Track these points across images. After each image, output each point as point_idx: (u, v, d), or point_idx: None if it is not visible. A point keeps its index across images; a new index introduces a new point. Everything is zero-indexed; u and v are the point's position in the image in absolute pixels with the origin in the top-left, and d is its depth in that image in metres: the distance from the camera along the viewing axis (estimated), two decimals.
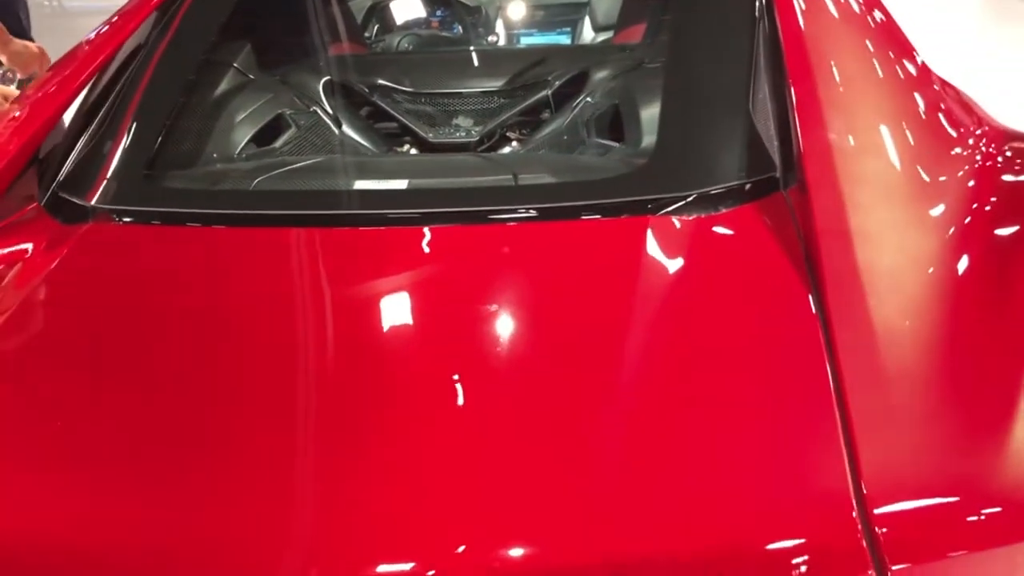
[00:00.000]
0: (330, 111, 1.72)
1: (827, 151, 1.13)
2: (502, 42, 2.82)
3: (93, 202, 1.27)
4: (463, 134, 1.70)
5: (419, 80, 1.76)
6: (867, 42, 1.42)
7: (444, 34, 2.78)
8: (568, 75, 1.72)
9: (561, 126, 1.63)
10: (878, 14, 1.47)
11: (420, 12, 2.90)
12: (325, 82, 1.75)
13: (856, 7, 1.46)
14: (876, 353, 0.91)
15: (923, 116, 1.27)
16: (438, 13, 2.88)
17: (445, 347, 0.97)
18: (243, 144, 1.56)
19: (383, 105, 1.75)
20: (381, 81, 1.77)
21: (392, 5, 2.85)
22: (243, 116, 1.61)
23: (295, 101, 1.69)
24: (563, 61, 1.79)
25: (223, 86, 1.65)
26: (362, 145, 1.68)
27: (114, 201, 1.27)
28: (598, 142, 1.52)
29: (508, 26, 2.90)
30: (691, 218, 1.13)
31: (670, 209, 1.14)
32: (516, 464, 0.81)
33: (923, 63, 1.45)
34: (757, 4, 1.44)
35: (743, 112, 1.27)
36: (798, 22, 1.36)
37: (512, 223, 1.15)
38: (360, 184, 1.25)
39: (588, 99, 1.63)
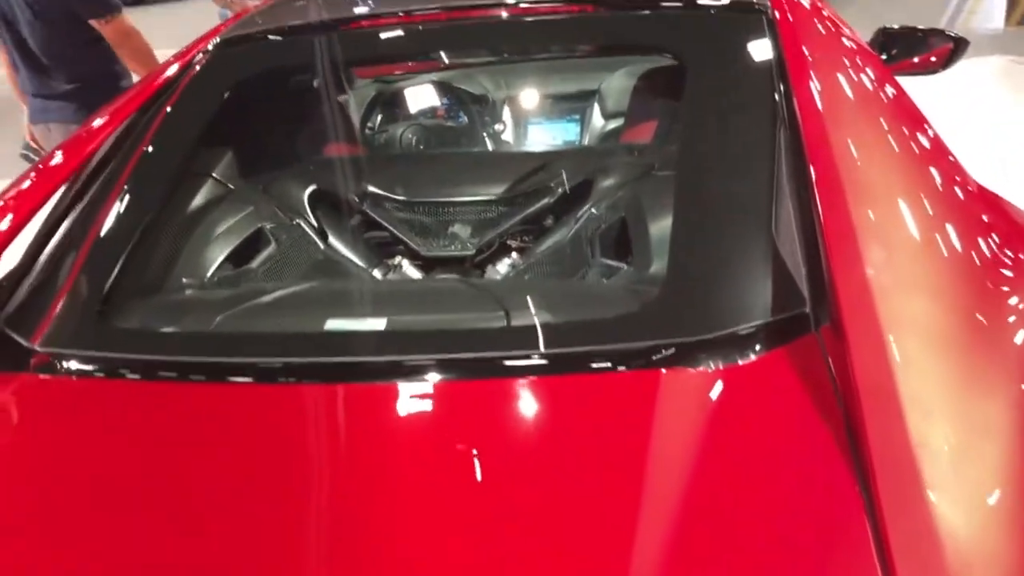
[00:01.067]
0: (315, 223, 1.59)
1: (864, 287, 0.97)
2: (509, 131, 2.73)
3: (38, 344, 1.14)
4: (458, 247, 1.57)
5: (413, 187, 1.64)
6: (900, 147, 1.28)
7: (449, 124, 2.69)
8: (571, 183, 1.59)
9: (564, 240, 1.49)
10: (912, 117, 1.33)
11: (425, 102, 2.81)
12: (311, 191, 1.63)
13: (887, 123, 1.33)
14: (937, 554, 0.74)
15: (973, 243, 1.11)
16: (444, 102, 2.80)
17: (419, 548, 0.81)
18: (217, 264, 1.43)
19: (373, 215, 1.63)
20: (372, 188, 1.65)
21: (396, 96, 2.77)
22: (219, 232, 1.49)
23: (277, 213, 1.57)
24: (567, 166, 1.66)
25: (199, 199, 1.53)
26: (348, 260, 1.55)
27: (60, 343, 1.14)
28: (603, 262, 1.38)
29: (515, 115, 2.80)
30: (709, 370, 0.97)
31: (683, 360, 0.98)
32: None
33: (956, 163, 1.31)
34: (777, 106, 1.31)
35: (765, 233, 1.12)
36: (823, 127, 1.22)
37: (501, 377, 1.00)
38: (330, 323, 1.11)
39: (593, 210, 1.49)
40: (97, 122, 1.59)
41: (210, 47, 1.71)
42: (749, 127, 1.30)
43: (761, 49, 1.43)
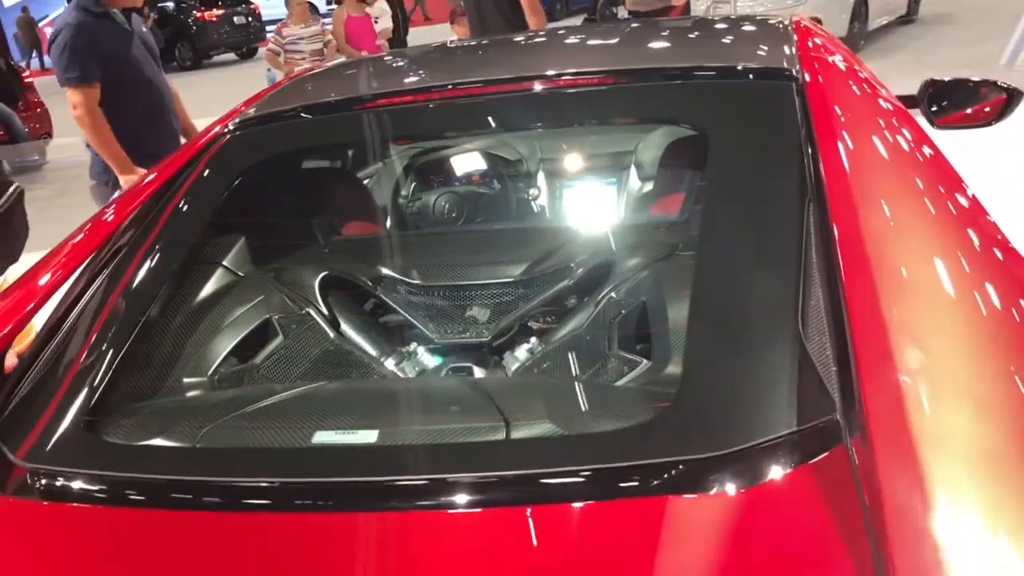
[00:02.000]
0: (325, 311, 1.53)
1: (896, 395, 0.86)
2: (544, 196, 2.66)
3: (22, 459, 1.09)
4: (475, 332, 1.49)
5: (428, 270, 1.57)
6: (937, 216, 1.16)
7: (484, 190, 2.64)
8: (593, 262, 1.50)
9: (582, 326, 1.40)
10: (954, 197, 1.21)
11: (460, 169, 2.78)
12: (323, 277, 1.58)
13: (923, 190, 1.21)
14: None
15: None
16: (478, 168, 2.76)
17: None
18: (220, 360, 1.38)
19: (387, 299, 1.57)
20: (386, 271, 1.59)
21: (430, 164, 2.74)
22: (225, 325, 1.44)
23: (287, 302, 1.52)
24: (590, 243, 1.58)
25: (206, 291, 1.49)
26: (359, 350, 1.48)
27: (43, 458, 1.09)
28: (621, 355, 1.28)
29: (551, 179, 2.73)
30: (726, 493, 0.86)
31: (697, 481, 0.88)
32: None
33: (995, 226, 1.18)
34: (805, 181, 1.21)
35: (791, 328, 1.02)
36: (853, 204, 1.12)
37: (500, 504, 0.91)
38: (319, 436, 1.04)
39: (613, 294, 1.40)
40: (110, 211, 1.58)
41: (229, 127, 1.70)
42: (775, 206, 1.20)
43: (788, 120, 1.33)
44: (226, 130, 1.69)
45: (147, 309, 1.33)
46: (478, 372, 1.43)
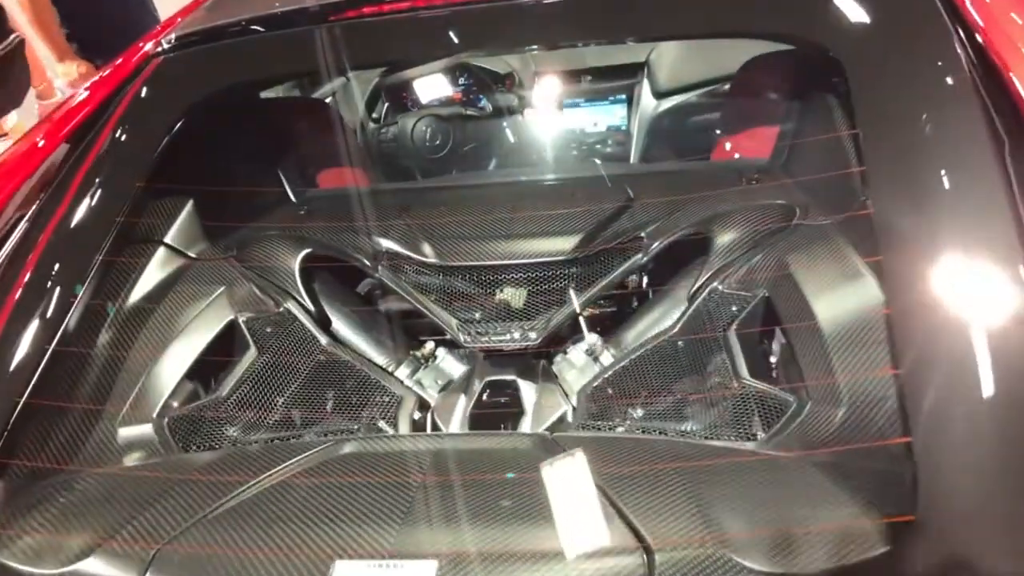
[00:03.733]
0: (310, 305, 1.13)
1: None
2: (540, 117, 2.24)
3: None
4: (515, 335, 1.10)
5: (445, 243, 1.17)
6: None
7: (470, 112, 2.20)
8: (670, 231, 1.12)
9: (671, 327, 1.03)
10: None
11: (438, 85, 2.33)
12: (304, 257, 1.17)
13: None
14: None
15: None
16: (460, 83, 2.31)
17: None
18: (171, 390, 0.99)
19: (392, 286, 1.17)
20: (387, 245, 1.18)
21: (403, 83, 2.28)
22: (173, 335, 1.03)
23: (256, 296, 1.11)
24: (656, 202, 1.18)
25: (144, 283, 1.07)
26: (360, 359, 1.09)
27: None
28: (750, 385, 0.91)
29: (547, 97, 2.29)
30: None
31: None
32: None
33: None
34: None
35: None
36: None
37: None
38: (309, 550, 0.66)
39: (718, 285, 1.02)
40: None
41: (164, 44, 1.23)
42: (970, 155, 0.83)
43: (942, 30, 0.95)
44: (159, 50, 1.22)
45: (62, 318, 0.92)
46: (525, 390, 1.05)
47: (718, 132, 1.48)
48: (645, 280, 1.15)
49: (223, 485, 0.75)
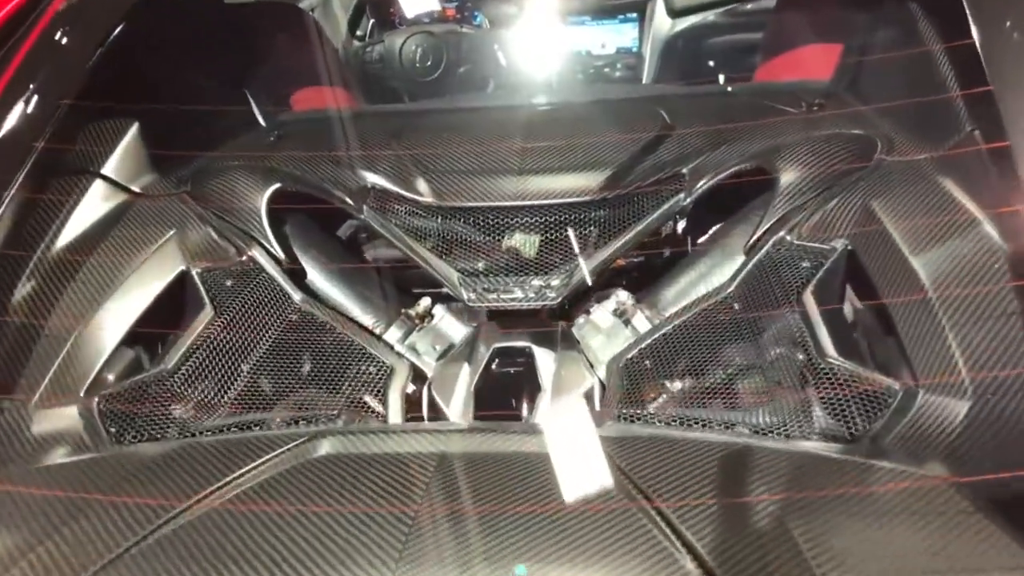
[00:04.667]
0: (280, 252, 0.93)
1: None
2: (542, 33, 2.01)
3: None
4: (524, 293, 0.91)
5: (443, 178, 0.96)
6: None
7: (465, 30, 1.97)
8: (725, 171, 0.91)
9: (722, 298, 0.83)
10: None
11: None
12: (273, 194, 0.96)
13: None
14: None
15: None
16: None
17: None
18: (106, 357, 0.79)
19: (380, 230, 0.96)
20: (377, 181, 0.98)
21: None
22: (113, 289, 0.84)
23: (213, 240, 0.91)
24: (694, 130, 0.97)
25: (77, 222, 0.87)
26: (341, 319, 0.90)
27: None
28: (847, 368, 0.71)
29: (547, 10, 2.06)
30: None
31: None
32: None
33: None
34: None
35: None
36: None
37: None
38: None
39: (784, 234, 0.82)
40: None
41: None
42: None
43: None
44: None
45: None
46: (542, 359, 0.86)
47: (757, 56, 1.26)
48: (687, 227, 0.96)
49: (160, 505, 0.57)
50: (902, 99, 0.89)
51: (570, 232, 0.92)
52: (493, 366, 0.87)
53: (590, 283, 0.90)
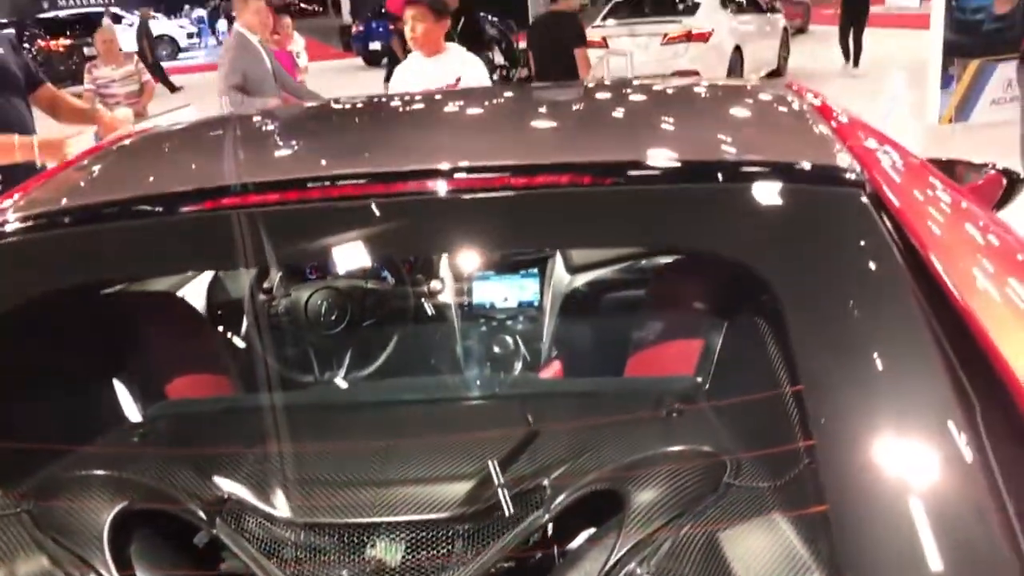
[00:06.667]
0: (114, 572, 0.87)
1: None
2: (449, 292, 2.07)
3: None
4: None
5: (305, 492, 0.93)
6: None
7: (371, 286, 2.02)
8: (582, 489, 0.90)
9: None
10: None
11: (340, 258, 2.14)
12: (117, 514, 0.91)
13: None
14: None
15: None
16: (362, 258, 2.13)
17: None
18: None
19: (231, 545, 0.91)
20: (234, 491, 0.94)
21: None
22: None
23: (44, 569, 0.85)
24: (572, 438, 0.98)
25: None
26: None
27: None
28: None
29: (455, 268, 2.12)
30: None
31: None
32: None
33: None
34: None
35: None
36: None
37: None
38: None
39: (636, 568, 0.79)
40: None
41: None
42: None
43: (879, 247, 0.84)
44: None
45: None
46: None
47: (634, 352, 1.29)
48: (542, 544, 0.93)
49: None
50: (750, 402, 0.92)
51: (429, 551, 0.89)
52: None
53: None
